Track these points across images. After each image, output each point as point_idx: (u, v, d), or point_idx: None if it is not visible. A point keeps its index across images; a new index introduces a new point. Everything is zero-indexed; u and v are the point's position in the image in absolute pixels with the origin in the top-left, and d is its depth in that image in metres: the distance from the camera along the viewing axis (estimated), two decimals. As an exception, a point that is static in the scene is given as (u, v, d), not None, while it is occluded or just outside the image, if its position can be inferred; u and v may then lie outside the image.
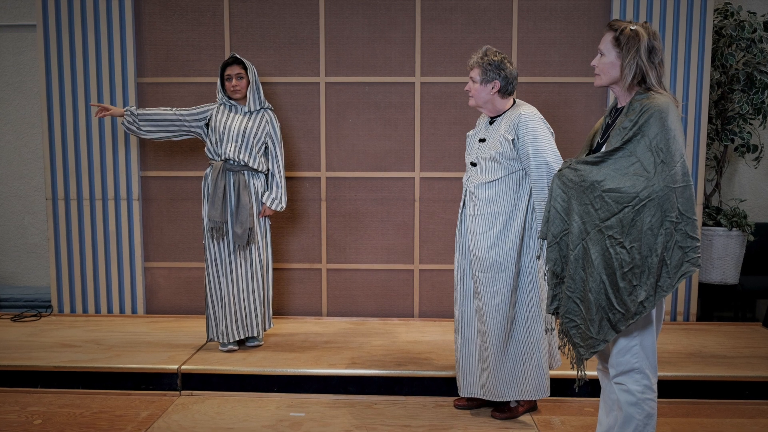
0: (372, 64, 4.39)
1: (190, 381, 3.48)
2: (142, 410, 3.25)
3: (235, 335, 3.73)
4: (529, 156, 2.87)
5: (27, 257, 5.03)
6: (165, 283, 4.55)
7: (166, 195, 4.49)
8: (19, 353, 3.68)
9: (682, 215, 2.12)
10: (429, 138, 4.42)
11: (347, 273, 4.52)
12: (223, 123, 3.70)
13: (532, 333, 2.99)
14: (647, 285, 2.13)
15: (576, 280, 2.25)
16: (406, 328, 4.27)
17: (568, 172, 2.29)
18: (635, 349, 2.25)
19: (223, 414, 3.22)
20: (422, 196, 4.45)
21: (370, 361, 3.59)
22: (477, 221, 3.00)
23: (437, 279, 4.50)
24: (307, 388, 3.47)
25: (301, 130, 4.44)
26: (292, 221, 4.49)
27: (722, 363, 3.55)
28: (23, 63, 4.87)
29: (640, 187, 2.12)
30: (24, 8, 4.83)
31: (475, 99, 3.03)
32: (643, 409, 2.26)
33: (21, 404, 3.32)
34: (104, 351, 3.73)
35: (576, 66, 4.34)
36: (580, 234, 2.22)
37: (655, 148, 2.12)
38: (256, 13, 4.37)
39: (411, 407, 3.32)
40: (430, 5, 4.34)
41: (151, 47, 4.40)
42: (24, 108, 4.90)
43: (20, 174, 4.96)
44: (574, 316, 2.28)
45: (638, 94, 2.22)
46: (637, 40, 2.18)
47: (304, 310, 4.55)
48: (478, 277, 3.00)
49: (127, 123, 3.80)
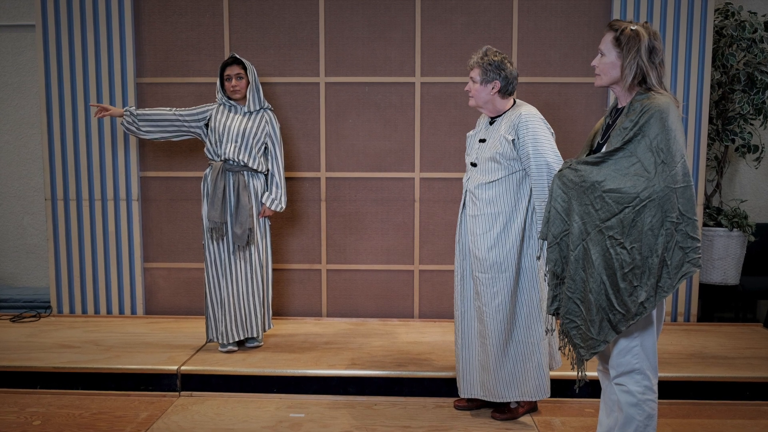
0: (372, 64, 4.39)
1: (190, 382, 3.47)
2: (142, 411, 3.25)
3: (234, 336, 3.73)
4: (529, 156, 2.87)
5: (26, 258, 5.03)
6: (164, 284, 4.54)
7: (165, 195, 4.48)
8: (18, 354, 3.68)
9: (683, 216, 2.11)
10: (429, 138, 4.42)
11: (347, 273, 4.52)
12: (222, 123, 3.70)
13: (532, 334, 2.98)
14: (648, 286, 2.12)
15: (576, 280, 2.25)
16: (406, 328, 4.27)
17: (569, 172, 2.28)
18: (636, 349, 2.24)
19: (223, 415, 3.21)
20: (422, 196, 4.44)
21: (370, 361, 3.58)
22: (477, 222, 3.00)
23: (437, 279, 4.49)
24: (306, 389, 3.46)
25: (300, 131, 4.43)
26: (291, 222, 4.48)
27: (723, 364, 3.55)
28: (22, 63, 4.87)
29: (641, 188, 2.11)
30: (23, 8, 4.83)
31: (476, 99, 3.02)
32: (644, 410, 2.26)
33: (20, 405, 3.31)
34: (103, 352, 3.72)
35: (576, 66, 4.33)
36: (581, 234, 2.22)
37: (655, 148, 2.12)
38: (255, 13, 4.36)
39: (411, 408, 3.31)
40: (430, 5, 4.33)
41: (150, 47, 4.40)
42: (23, 108, 4.90)
43: (19, 174, 4.96)
44: (574, 317, 2.28)
45: (639, 94, 2.22)
46: (637, 40, 2.18)
47: (303, 310, 4.55)
48: (479, 277, 2.99)
49: (127, 123, 3.80)
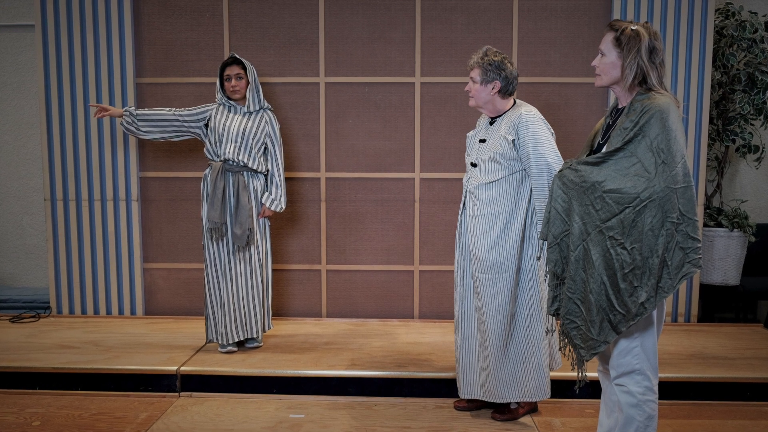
0: (372, 64, 4.38)
1: (189, 382, 3.47)
2: (141, 412, 3.25)
3: (234, 336, 3.72)
4: (529, 156, 2.86)
5: (25, 258, 5.03)
6: (164, 284, 4.54)
7: (165, 196, 4.48)
8: (18, 354, 3.67)
9: (683, 216, 2.11)
10: (429, 138, 4.41)
11: (347, 274, 4.51)
12: (222, 123, 3.70)
13: (532, 334, 2.98)
14: (648, 286, 2.12)
15: (576, 281, 2.24)
16: (406, 329, 4.26)
17: (569, 172, 2.28)
18: (636, 350, 2.24)
19: (223, 416, 3.21)
20: (422, 196, 4.44)
21: (369, 362, 3.58)
22: (477, 222, 2.99)
23: (437, 280, 4.49)
24: (306, 390, 3.46)
25: (300, 131, 4.43)
26: (291, 222, 4.48)
27: (723, 364, 3.54)
28: (22, 63, 4.86)
29: (641, 188, 2.11)
30: (22, 8, 4.83)
31: (476, 99, 3.02)
32: (644, 411, 2.25)
33: (19, 406, 3.31)
34: (103, 352, 3.72)
35: (576, 66, 4.33)
36: (581, 235, 2.21)
37: (656, 148, 2.11)
38: (255, 13, 4.36)
39: (411, 409, 3.31)
40: (430, 5, 4.33)
41: (150, 47, 4.39)
42: (22, 108, 4.90)
43: (19, 174, 4.96)
44: (574, 317, 2.27)
45: (639, 94, 2.21)
46: (638, 40, 2.18)
47: (303, 311, 4.54)
48: (479, 278, 2.98)
49: (126, 123, 3.79)
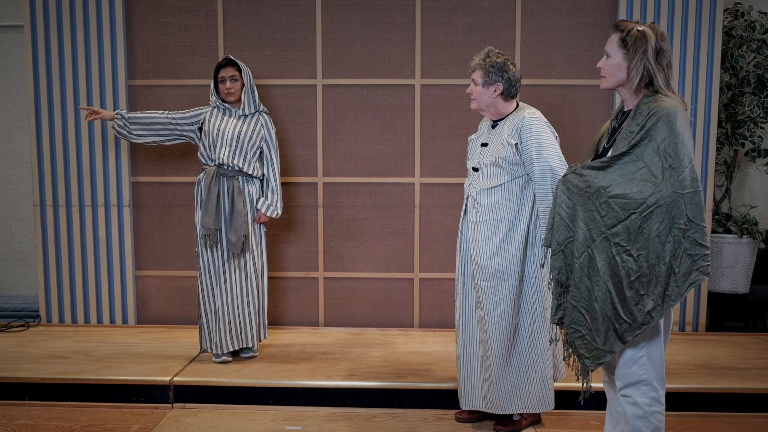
0: (370, 65, 4.38)
1: (183, 393, 3.47)
2: (133, 423, 3.24)
3: (229, 346, 3.72)
4: (532, 161, 2.87)
5: (14, 265, 5.03)
6: (156, 293, 4.53)
7: (157, 201, 4.47)
8: (6, 365, 3.67)
9: (691, 222, 2.11)
10: (429, 142, 4.40)
11: (345, 282, 4.50)
12: (216, 127, 3.69)
13: (535, 344, 2.99)
14: (655, 294, 2.12)
15: (581, 289, 2.24)
16: (405, 338, 4.26)
17: (573, 177, 2.28)
18: (642, 360, 2.23)
19: (217, 427, 3.20)
20: (422, 202, 4.42)
21: (368, 372, 3.58)
22: (479, 228, 2.99)
23: (438, 288, 4.47)
24: (303, 401, 3.45)
25: (297, 134, 4.42)
26: (288, 228, 4.46)
27: (732, 375, 3.54)
28: (10, 65, 4.89)
29: (648, 193, 2.11)
30: (11, 8, 4.85)
31: (477, 102, 3.03)
32: (651, 422, 2.24)
33: (8, 417, 3.30)
34: (94, 362, 3.72)
35: (581, 68, 4.33)
36: (586, 241, 2.21)
37: (663, 152, 2.12)
38: (250, 14, 4.36)
39: (411, 420, 3.30)
40: (431, 5, 4.33)
41: (142, 48, 4.39)
42: (11, 111, 4.92)
43: (7, 179, 4.98)
44: (579, 326, 2.27)
45: (645, 97, 2.22)
46: (644, 41, 2.19)
47: (300, 320, 4.53)
48: (480, 285, 2.98)
49: (118, 127, 3.80)
